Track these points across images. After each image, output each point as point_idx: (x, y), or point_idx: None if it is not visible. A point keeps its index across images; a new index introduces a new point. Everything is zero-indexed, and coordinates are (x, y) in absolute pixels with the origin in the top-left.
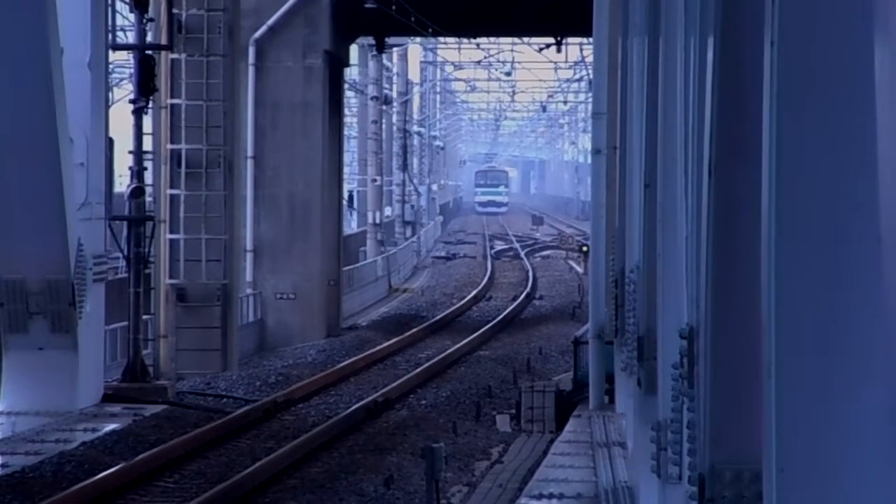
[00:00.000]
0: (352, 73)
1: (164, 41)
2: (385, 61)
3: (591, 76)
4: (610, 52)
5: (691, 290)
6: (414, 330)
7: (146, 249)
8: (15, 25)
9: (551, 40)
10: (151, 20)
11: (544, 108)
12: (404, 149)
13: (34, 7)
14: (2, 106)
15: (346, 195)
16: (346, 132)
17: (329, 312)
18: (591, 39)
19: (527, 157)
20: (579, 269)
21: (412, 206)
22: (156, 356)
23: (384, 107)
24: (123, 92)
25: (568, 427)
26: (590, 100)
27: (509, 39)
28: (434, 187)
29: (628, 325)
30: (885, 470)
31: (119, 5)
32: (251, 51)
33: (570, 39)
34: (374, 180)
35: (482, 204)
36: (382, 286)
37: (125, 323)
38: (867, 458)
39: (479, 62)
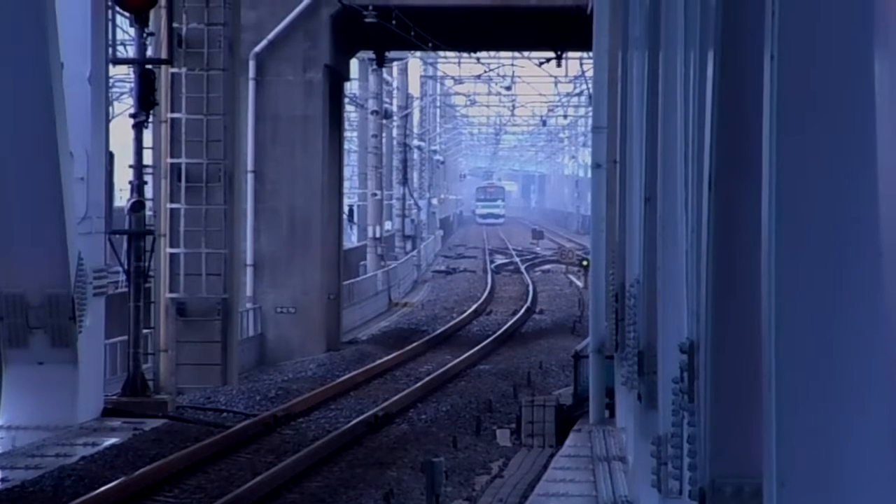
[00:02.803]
0: (352, 87)
1: (164, 55)
2: (385, 75)
3: (591, 90)
4: (610, 66)
5: (691, 305)
6: (414, 344)
7: (146, 263)
8: (15, 40)
9: (551, 54)
10: (152, 34)
11: (544, 123)
12: (404, 163)
13: (34, 21)
14: (2, 120)
15: (346, 209)
16: (346, 146)
17: (329, 326)
18: (591, 54)
19: (527, 171)
20: (579, 284)
21: (412, 221)
22: (156, 370)
23: (384, 121)
24: (124, 106)
25: (568, 441)
26: (590, 114)
27: (509, 54)
28: (434, 201)
29: (628, 340)
30: (887, 483)
31: (119, 19)
32: (251, 65)
33: (570, 54)
34: (375, 194)
35: (482, 216)
36: (382, 300)
37: (125, 337)
38: (868, 471)
39: (479, 76)
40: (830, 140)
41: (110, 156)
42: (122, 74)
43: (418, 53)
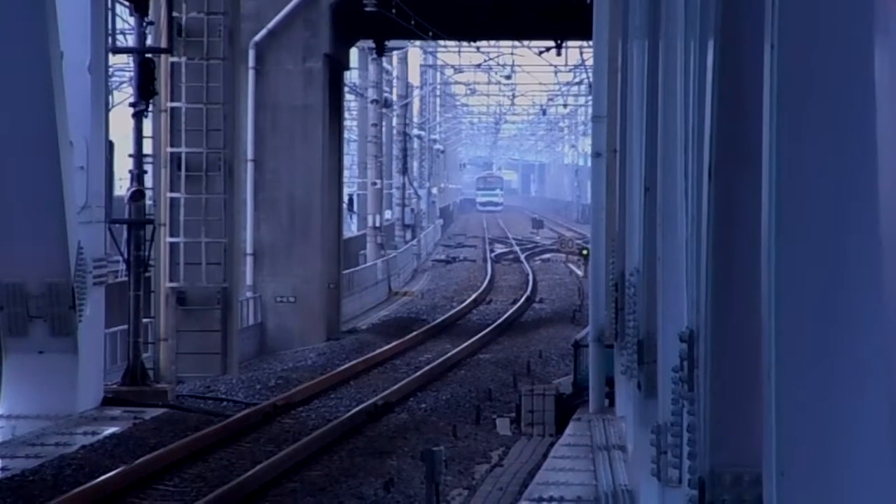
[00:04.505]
0: (352, 76)
1: (164, 45)
2: (385, 64)
3: (591, 79)
4: (610, 55)
5: (691, 294)
6: (414, 333)
7: (146, 253)
8: (15, 29)
9: (551, 43)
10: (151, 23)
11: (544, 112)
12: (404, 152)
13: (34, 11)
14: (2, 109)
15: (345, 198)
16: (345, 135)
17: (329, 316)
18: (591, 42)
19: (527, 160)
20: (579, 273)
21: (412, 210)
22: (156, 359)
23: (384, 110)
24: (123, 95)
25: (568, 430)
26: (590, 103)
27: (509, 42)
28: (434, 190)
29: (628, 329)
30: (886, 472)
31: (119, 9)
32: (251, 54)
33: (570, 42)
34: (374, 184)
35: (482, 204)
36: (382, 289)
37: (125, 326)
38: (867, 460)
39: (479, 65)
40: (830, 129)
41: (110, 145)
42: (122, 64)
43: (418, 42)
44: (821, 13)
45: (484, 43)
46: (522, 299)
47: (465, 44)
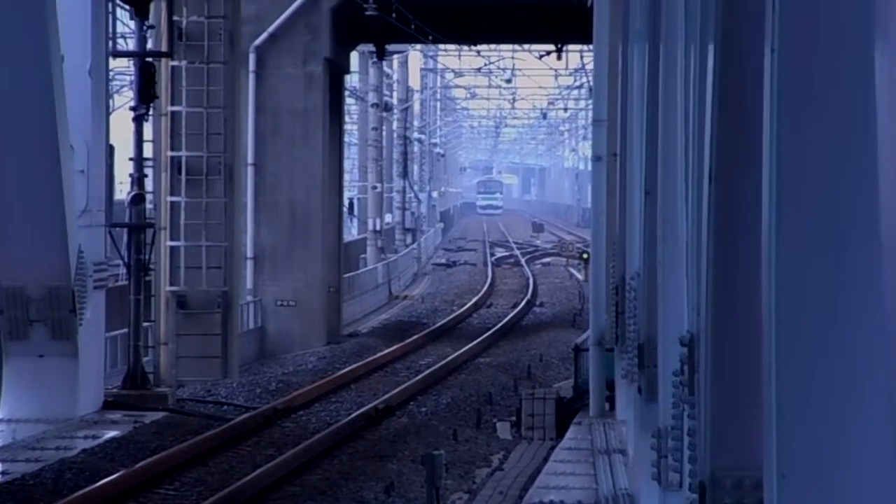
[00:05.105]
0: (352, 80)
1: (164, 48)
2: (385, 68)
3: (591, 83)
4: (610, 58)
5: (692, 297)
6: (414, 337)
7: (147, 256)
8: (15, 32)
9: (552, 47)
10: (152, 27)
11: (545, 115)
12: (404, 156)
13: (34, 14)
14: (2, 112)
15: (346, 202)
16: (346, 139)
17: (329, 319)
18: (591, 46)
19: (527, 163)
20: (580, 277)
21: (412, 213)
22: (156, 363)
23: (384, 114)
24: (124, 99)
25: (568, 434)
26: (590, 107)
27: (509, 46)
28: (434, 194)
29: (629, 333)
30: (887, 475)
31: (119, 12)
32: (252, 58)
33: (571, 46)
34: (375, 187)
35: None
36: (383, 293)
37: (125, 330)
38: (868, 463)
39: (479, 69)
40: (831, 132)
41: (111, 149)
42: (123, 67)
43: (418, 46)
44: (821, 17)
45: (484, 47)
46: (523, 303)
47: (465, 48)
